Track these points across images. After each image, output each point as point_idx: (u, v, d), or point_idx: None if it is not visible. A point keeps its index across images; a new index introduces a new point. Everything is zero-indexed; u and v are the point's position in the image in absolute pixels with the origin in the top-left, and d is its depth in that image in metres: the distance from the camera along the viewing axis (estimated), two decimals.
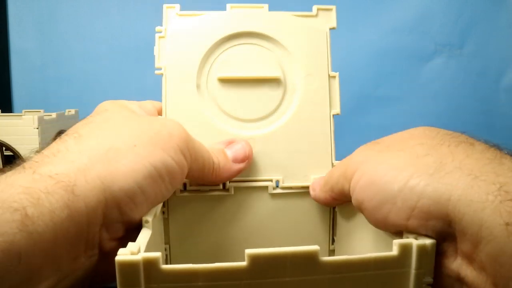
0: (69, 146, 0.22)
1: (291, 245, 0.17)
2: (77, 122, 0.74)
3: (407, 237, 0.19)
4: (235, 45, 0.32)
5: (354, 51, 0.75)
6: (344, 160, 0.26)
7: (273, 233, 0.31)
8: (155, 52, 0.31)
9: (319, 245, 0.17)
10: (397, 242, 0.18)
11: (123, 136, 0.23)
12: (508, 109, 0.75)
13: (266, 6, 0.32)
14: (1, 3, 0.71)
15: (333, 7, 0.32)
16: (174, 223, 0.29)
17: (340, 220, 0.30)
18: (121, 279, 0.16)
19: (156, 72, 0.31)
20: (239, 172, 0.29)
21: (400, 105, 0.76)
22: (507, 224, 0.16)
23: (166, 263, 0.29)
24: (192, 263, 0.17)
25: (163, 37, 0.32)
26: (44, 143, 0.54)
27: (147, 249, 0.19)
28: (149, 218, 0.22)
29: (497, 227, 0.17)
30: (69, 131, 0.24)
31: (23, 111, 0.66)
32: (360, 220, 0.26)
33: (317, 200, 0.30)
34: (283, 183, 0.30)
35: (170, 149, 0.24)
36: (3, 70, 0.72)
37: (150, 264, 0.16)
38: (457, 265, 0.19)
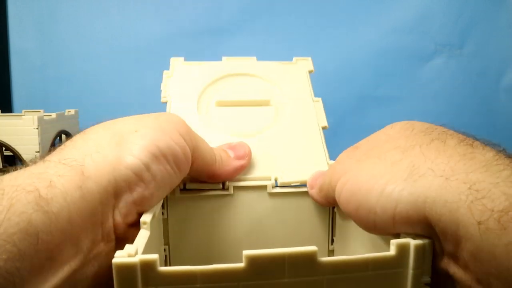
0: (75, 140, 0.24)
1: (290, 245, 0.17)
2: (77, 122, 0.74)
3: (405, 237, 0.19)
4: (230, 80, 0.37)
5: (354, 51, 0.75)
6: (330, 168, 0.27)
7: (272, 233, 0.31)
8: (162, 87, 0.36)
9: (318, 245, 0.17)
10: (394, 242, 0.18)
11: (125, 125, 0.25)
12: (508, 109, 0.75)
13: (254, 58, 0.39)
14: (1, 3, 0.71)
15: (309, 58, 0.40)
16: (173, 224, 0.29)
17: (339, 220, 0.30)
18: (118, 282, 0.16)
19: (162, 100, 0.36)
20: (240, 168, 0.30)
21: (400, 105, 0.76)
22: (479, 223, 0.17)
23: (166, 264, 0.29)
24: (192, 264, 0.17)
25: (170, 76, 0.37)
26: (44, 143, 0.54)
27: (146, 251, 0.19)
28: (147, 219, 0.22)
29: (471, 226, 0.17)
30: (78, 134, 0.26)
31: (23, 111, 0.66)
32: (353, 224, 0.26)
33: (314, 200, 0.30)
34: (281, 179, 0.31)
35: (171, 132, 0.25)
36: (3, 70, 0.72)
37: (147, 266, 0.16)
38: (444, 264, 0.19)
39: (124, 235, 0.22)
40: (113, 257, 0.22)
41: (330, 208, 0.31)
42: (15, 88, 0.73)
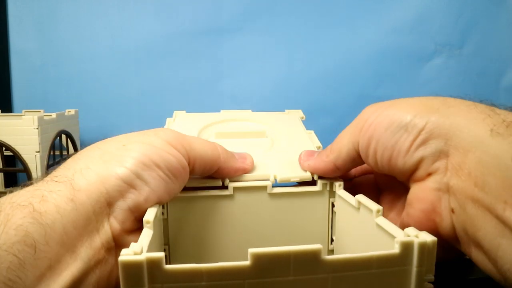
0: (67, 161, 0.25)
1: (290, 245, 0.17)
2: (77, 122, 0.74)
3: (408, 235, 0.19)
4: (229, 122, 0.41)
5: (354, 51, 0.75)
6: (353, 122, 0.29)
7: (272, 233, 0.31)
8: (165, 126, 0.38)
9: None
10: (399, 240, 0.18)
11: (114, 143, 0.26)
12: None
13: (250, 110, 0.44)
14: (1, 3, 0.71)
15: (300, 110, 0.45)
16: (173, 224, 0.29)
17: (338, 220, 0.30)
18: (124, 279, 0.16)
19: None
20: (243, 170, 0.30)
21: None
22: (491, 130, 0.21)
23: (166, 264, 0.29)
24: (192, 263, 0.17)
25: (173, 121, 0.40)
26: (44, 143, 0.54)
27: (149, 250, 0.19)
28: (150, 218, 0.22)
29: (483, 134, 0.22)
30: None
31: (23, 111, 0.66)
32: (359, 220, 0.26)
33: (313, 170, 0.31)
34: (281, 176, 0.31)
35: (160, 143, 0.25)
36: (3, 70, 0.72)
37: (153, 264, 0.16)
38: (447, 178, 0.23)
39: (125, 242, 0.23)
40: (115, 264, 0.23)
41: (329, 208, 0.31)
42: (15, 88, 0.73)
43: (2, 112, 0.65)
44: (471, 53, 0.75)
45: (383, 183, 0.32)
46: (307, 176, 0.31)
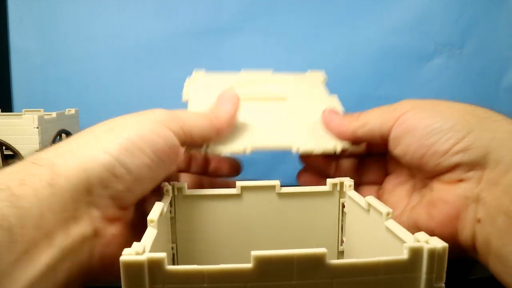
0: (59, 143, 0.24)
1: (298, 246, 0.17)
2: (77, 121, 0.74)
3: (418, 241, 0.19)
4: (248, 85, 0.39)
5: (354, 51, 0.75)
6: (386, 106, 0.29)
7: (280, 234, 0.30)
8: (184, 87, 0.39)
9: (327, 246, 0.17)
10: (407, 246, 0.17)
11: (103, 125, 0.25)
12: (508, 109, 0.75)
13: (271, 70, 0.42)
14: (1, 3, 0.71)
15: (322, 71, 0.44)
16: (181, 222, 0.29)
17: (349, 221, 0.30)
18: (125, 279, 0.16)
19: (184, 99, 0.37)
20: (233, 114, 0.31)
21: None
22: None
23: (173, 262, 0.29)
24: (199, 262, 0.17)
25: (192, 79, 0.39)
26: (45, 142, 0.54)
27: (153, 249, 0.19)
28: (154, 217, 0.22)
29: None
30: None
31: (23, 110, 0.66)
32: (368, 222, 0.26)
33: (333, 128, 0.32)
34: (304, 147, 0.31)
35: (149, 123, 0.25)
36: (3, 70, 0.72)
37: (154, 265, 0.16)
38: (479, 189, 0.24)
39: (106, 232, 0.23)
40: (96, 252, 0.22)
41: (339, 209, 0.31)
42: (15, 87, 0.73)
43: (2, 111, 0.65)
44: (471, 53, 0.75)
45: (392, 167, 0.33)
46: (330, 148, 0.31)
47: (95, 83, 0.73)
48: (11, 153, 0.52)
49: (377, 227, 0.23)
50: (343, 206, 0.30)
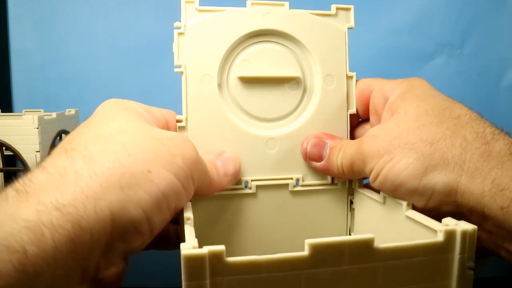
0: (78, 167, 0.20)
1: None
2: (77, 122, 0.74)
3: (447, 225, 0.20)
4: (255, 43, 0.32)
5: (354, 51, 0.75)
6: (362, 146, 0.29)
7: (292, 229, 0.32)
8: (174, 49, 0.30)
9: None
10: (442, 229, 0.19)
11: (138, 160, 0.22)
12: (508, 109, 0.75)
13: (287, 4, 0.32)
14: (1, 3, 0.71)
15: (351, 7, 0.36)
16: (197, 222, 0.30)
17: (358, 216, 0.31)
18: (186, 273, 0.16)
19: (176, 70, 0.31)
20: (228, 185, 0.30)
21: None
22: (501, 208, 0.24)
23: None
24: (252, 256, 0.17)
25: (182, 33, 0.30)
26: (45, 143, 0.54)
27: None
28: (190, 215, 0.23)
29: (496, 210, 0.24)
30: (77, 146, 0.22)
31: (23, 111, 0.66)
32: (377, 216, 0.27)
33: (323, 171, 0.31)
34: (303, 181, 0.32)
35: (182, 174, 0.23)
36: (3, 70, 0.72)
37: (215, 257, 0.17)
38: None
39: (102, 275, 0.21)
40: None
41: (348, 205, 0.32)
42: (15, 88, 0.73)
43: (2, 111, 0.65)
44: (471, 53, 0.75)
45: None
46: (328, 182, 0.32)
47: (95, 83, 0.73)
48: (11, 153, 0.52)
49: (395, 218, 0.25)
50: (351, 203, 0.32)
